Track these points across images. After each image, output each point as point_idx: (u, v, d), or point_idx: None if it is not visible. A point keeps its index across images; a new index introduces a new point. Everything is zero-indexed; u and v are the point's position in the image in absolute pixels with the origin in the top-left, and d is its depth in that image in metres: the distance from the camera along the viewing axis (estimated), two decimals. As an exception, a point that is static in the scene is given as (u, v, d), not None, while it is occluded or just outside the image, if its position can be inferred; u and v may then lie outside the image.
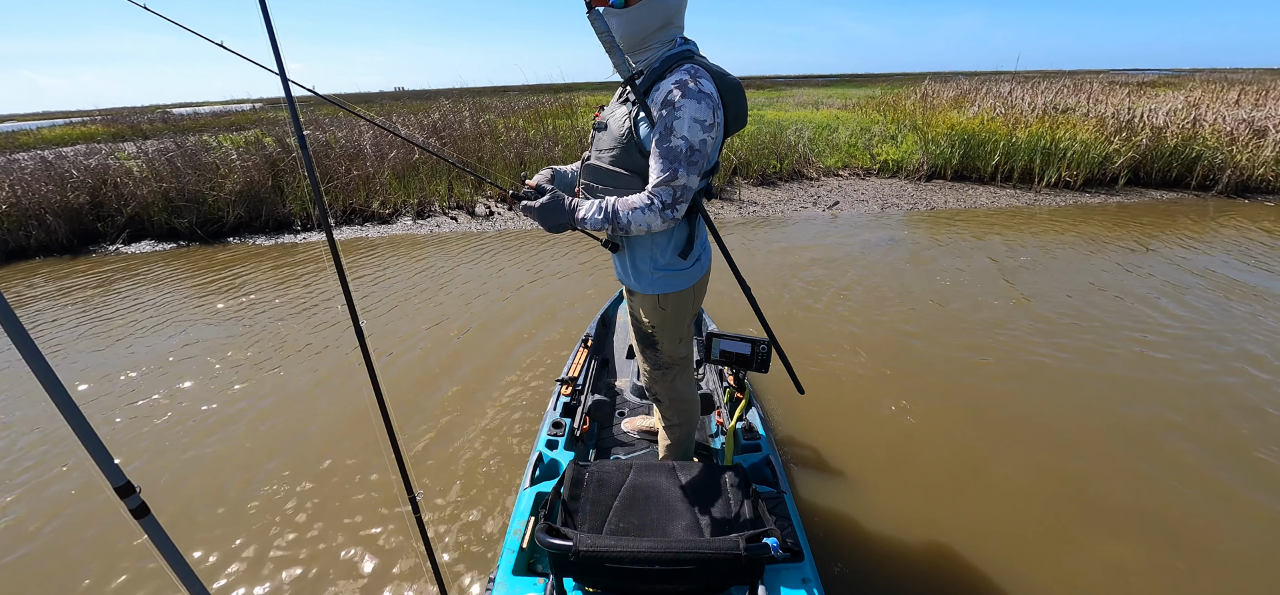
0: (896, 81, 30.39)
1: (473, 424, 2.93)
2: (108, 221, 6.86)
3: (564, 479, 1.49)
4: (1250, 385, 3.14)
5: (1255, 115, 8.58)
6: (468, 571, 2.08)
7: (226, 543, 2.26)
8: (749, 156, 8.44)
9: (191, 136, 10.14)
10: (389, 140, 7.89)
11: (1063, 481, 2.47)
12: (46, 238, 6.56)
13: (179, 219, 6.78)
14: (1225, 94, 11.59)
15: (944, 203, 7.57)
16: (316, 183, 1.08)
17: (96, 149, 8.18)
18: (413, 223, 7.14)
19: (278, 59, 1.04)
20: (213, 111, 26.78)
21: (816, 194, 8.03)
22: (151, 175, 6.89)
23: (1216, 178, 7.73)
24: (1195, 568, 2.05)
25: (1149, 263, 5.15)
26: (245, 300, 4.79)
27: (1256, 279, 4.72)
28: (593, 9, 1.32)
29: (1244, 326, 3.82)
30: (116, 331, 4.27)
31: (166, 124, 19.79)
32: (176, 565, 1.01)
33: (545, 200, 1.40)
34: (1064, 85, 13.74)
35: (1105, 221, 6.64)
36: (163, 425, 3.05)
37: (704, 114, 1.29)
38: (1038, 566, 2.06)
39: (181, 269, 5.77)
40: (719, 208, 7.50)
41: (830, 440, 2.73)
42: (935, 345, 3.66)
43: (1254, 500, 2.35)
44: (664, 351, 1.70)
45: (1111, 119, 8.37)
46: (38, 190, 6.54)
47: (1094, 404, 3.01)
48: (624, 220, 1.35)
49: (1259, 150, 7.64)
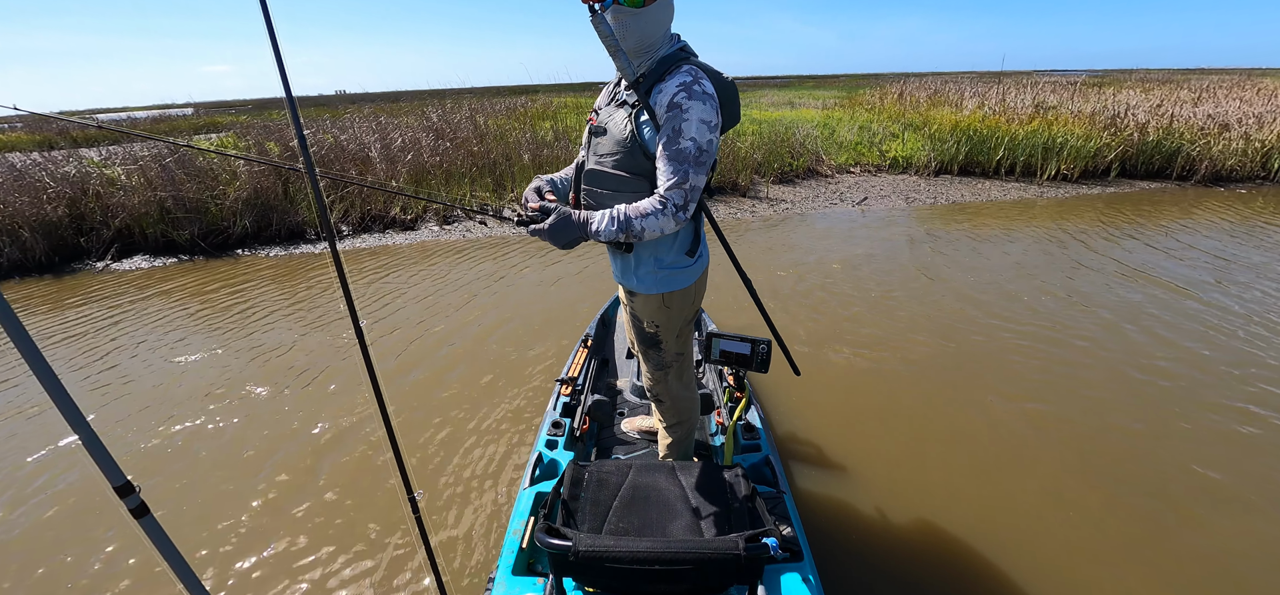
0: (856, 83, 31.59)
1: (473, 424, 2.90)
2: (92, 235, 6.14)
3: (564, 479, 1.48)
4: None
5: (1218, 111, 9.39)
6: (467, 571, 2.07)
7: (226, 543, 2.23)
8: (768, 155, 8.50)
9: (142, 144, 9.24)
10: (400, 143, 7.46)
11: (1068, 483, 2.44)
12: (21, 256, 5.79)
13: (179, 231, 6.14)
14: (1176, 93, 12.65)
15: (960, 197, 7.88)
16: (316, 183, 1.04)
17: (51, 157, 7.29)
18: (439, 229, 6.77)
19: (279, 60, 0.96)
20: (150, 117, 24.68)
21: (839, 190, 8.18)
22: (143, 183, 6.21)
23: (1194, 168, 8.41)
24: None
25: (1191, 256, 5.52)
26: (253, 314, 4.47)
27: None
28: (594, 10, 1.29)
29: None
30: (119, 355, 3.84)
31: (102, 130, 18.05)
32: (176, 565, 1.01)
33: (553, 220, 1.35)
34: (1010, 84, 14.65)
35: (1112, 210, 7.08)
36: (163, 426, 2.99)
37: (709, 115, 1.31)
38: (1040, 566, 2.05)
39: (186, 285, 5.22)
40: (751, 206, 7.51)
41: (830, 440, 2.72)
42: (959, 340, 3.69)
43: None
44: (667, 350, 1.70)
45: (1099, 115, 8.94)
46: (10, 202, 5.77)
47: (1123, 417, 2.89)
48: (638, 227, 1.34)
49: (1229, 143, 8.35)
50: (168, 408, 3.17)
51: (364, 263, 5.70)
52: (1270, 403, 2.94)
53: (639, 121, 1.38)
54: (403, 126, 9.01)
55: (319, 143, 7.37)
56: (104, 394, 3.37)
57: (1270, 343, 3.55)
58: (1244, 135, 8.40)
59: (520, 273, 5.20)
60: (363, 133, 7.92)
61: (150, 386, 3.42)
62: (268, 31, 0.94)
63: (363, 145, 7.47)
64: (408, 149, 7.30)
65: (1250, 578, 1.99)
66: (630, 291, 1.65)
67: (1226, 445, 2.64)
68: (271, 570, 2.11)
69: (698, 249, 1.57)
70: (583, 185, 1.53)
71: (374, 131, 8.29)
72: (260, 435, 2.89)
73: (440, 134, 8.81)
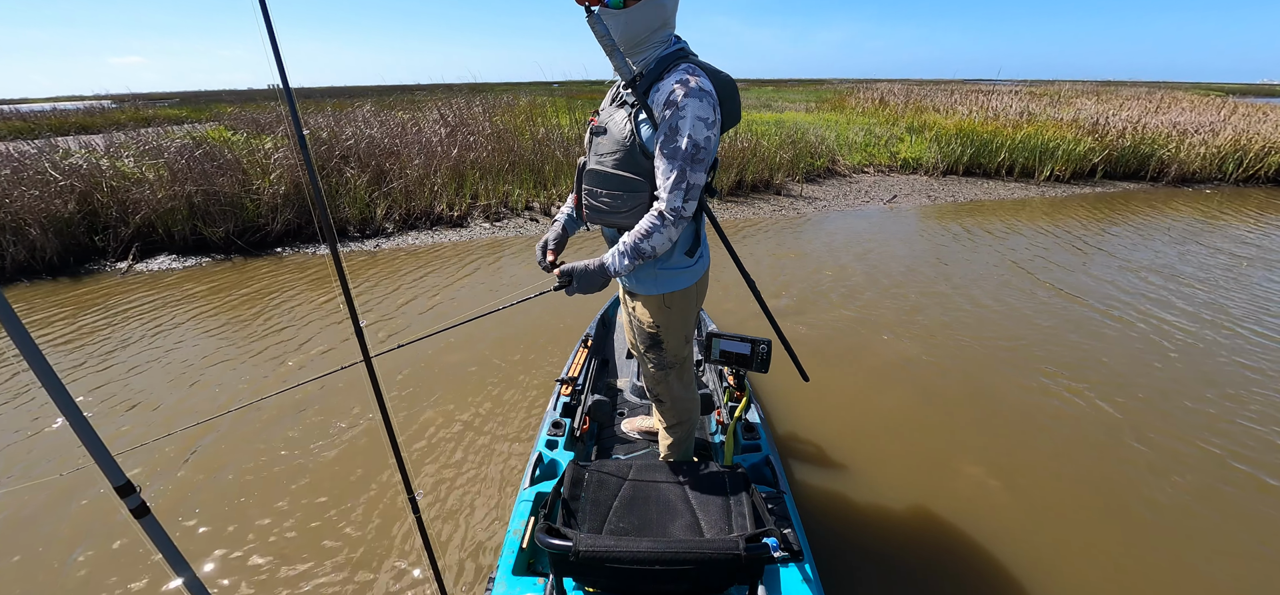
0: (811, 87, 32.81)
1: (473, 424, 2.89)
2: (107, 234, 5.53)
3: (564, 479, 1.49)
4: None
5: (1178, 120, 10.50)
6: (468, 571, 2.07)
7: (226, 543, 2.21)
8: (794, 156, 8.76)
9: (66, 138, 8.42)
10: (440, 137, 7.16)
11: (1069, 485, 2.47)
12: (29, 256, 5.15)
13: (212, 228, 5.64)
14: (1129, 105, 14.00)
15: (974, 195, 8.42)
16: (318, 186, 1.06)
17: (52, 143, 6.48)
18: (490, 226, 6.56)
19: (277, 56, 0.98)
20: (59, 109, 22.33)
21: (864, 189, 8.55)
22: (167, 177, 5.66)
23: (1165, 171, 9.36)
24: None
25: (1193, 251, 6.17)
26: (281, 313, 4.28)
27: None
28: (591, 11, 1.32)
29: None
30: (138, 355, 3.56)
31: (25, 120, 16.22)
32: (176, 565, 1.01)
33: (580, 277, 1.41)
34: (959, 91, 15.77)
35: (1112, 208, 7.79)
36: (164, 428, 2.94)
37: (706, 112, 1.31)
38: (1041, 566, 2.06)
39: (220, 285, 4.83)
40: (792, 204, 7.72)
41: (830, 439, 2.72)
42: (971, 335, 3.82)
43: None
44: (669, 351, 1.69)
45: (1082, 123, 9.78)
46: (19, 195, 5.12)
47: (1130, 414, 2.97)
48: (646, 248, 1.37)
49: (1192, 148, 9.36)
50: (178, 408, 3.08)
51: (400, 263, 5.46)
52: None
53: (638, 121, 1.38)
54: (420, 123, 8.65)
55: (358, 137, 6.96)
56: (111, 394, 3.21)
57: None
58: (1203, 142, 9.44)
59: (519, 273, 5.10)
60: (372, 128, 7.54)
61: (163, 384, 3.33)
62: (265, 28, 0.93)
63: (406, 141, 7.11)
64: (452, 144, 7.01)
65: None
66: (631, 292, 1.66)
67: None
68: (271, 570, 2.08)
69: (698, 249, 1.57)
70: (585, 186, 1.52)
71: (381, 127, 7.90)
72: (262, 434, 2.81)
73: (455, 130, 8.51)
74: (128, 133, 8.41)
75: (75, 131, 13.10)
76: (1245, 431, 2.83)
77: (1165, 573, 2.05)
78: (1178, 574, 2.05)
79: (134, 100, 30.11)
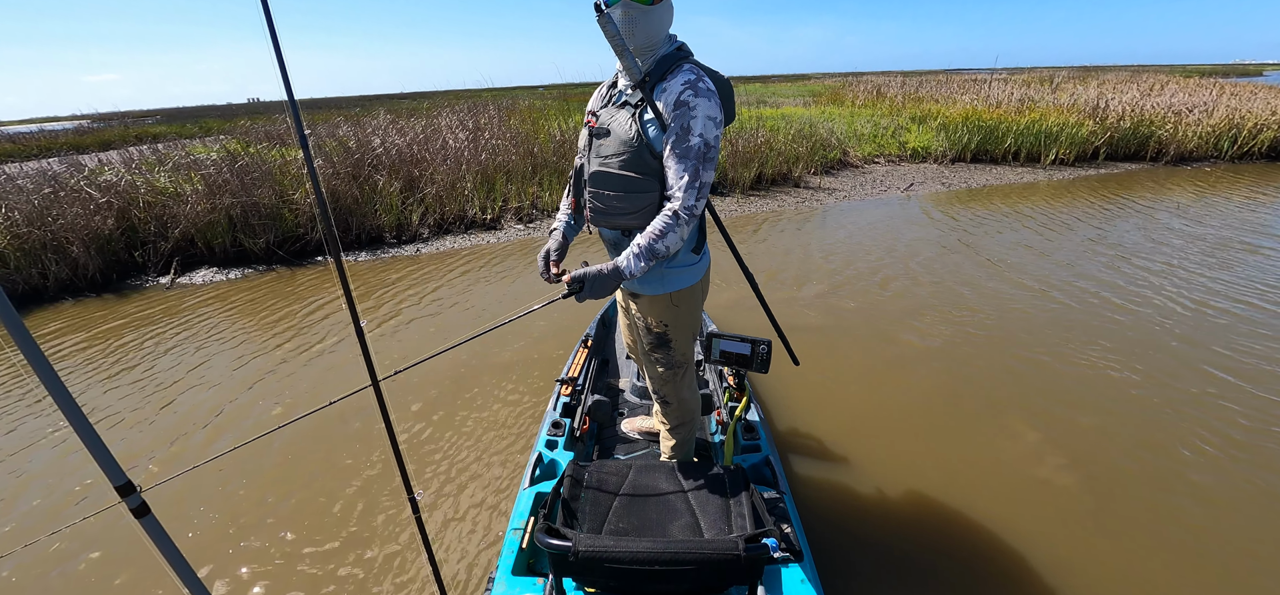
0: (797, 82, 33.10)
1: (473, 425, 2.90)
2: (147, 249, 5.53)
3: (564, 479, 1.49)
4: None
5: (1173, 102, 10.83)
6: (467, 572, 2.06)
7: (225, 543, 2.23)
8: (810, 149, 8.93)
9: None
10: (461, 142, 7.22)
11: (1072, 486, 2.39)
12: (71, 274, 5.13)
13: (253, 240, 5.66)
14: (1127, 85, 14.38)
15: (986, 181, 8.64)
16: (319, 187, 1.05)
17: (79, 162, 6.45)
18: (523, 227, 6.63)
19: (280, 62, 0.96)
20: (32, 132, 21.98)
21: (878, 178, 8.73)
22: (207, 190, 5.66)
23: (1164, 151, 9.67)
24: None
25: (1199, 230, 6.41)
26: (306, 321, 4.33)
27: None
28: (602, 11, 1.32)
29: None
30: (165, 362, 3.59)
31: (14, 143, 15.97)
32: (177, 565, 1.01)
33: (592, 282, 1.37)
34: (934, 81, 16.08)
35: (1121, 187, 8.04)
36: (165, 428, 3.01)
37: (714, 111, 1.34)
38: (1041, 566, 2.02)
39: (263, 296, 4.86)
40: (813, 195, 7.87)
41: (830, 439, 2.70)
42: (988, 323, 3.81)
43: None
44: (677, 349, 1.68)
45: (1082, 107, 10.07)
46: (63, 212, 5.10)
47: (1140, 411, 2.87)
48: (661, 248, 1.36)
49: (1188, 129, 9.69)
50: (172, 412, 3.14)
51: (426, 266, 5.52)
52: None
53: (644, 121, 1.38)
54: (439, 129, 8.69)
55: (388, 146, 7.00)
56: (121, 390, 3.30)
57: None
58: (1198, 122, 9.76)
59: (536, 283, 5.09)
60: (394, 136, 7.57)
61: (170, 383, 3.43)
62: (269, 34, 0.92)
63: (439, 147, 7.15)
64: (478, 150, 7.07)
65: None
66: (634, 294, 1.64)
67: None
68: (271, 570, 2.09)
69: (702, 246, 1.58)
70: (588, 188, 1.50)
71: (400, 134, 7.93)
72: (263, 436, 2.85)
73: (475, 135, 8.56)
74: (151, 149, 8.34)
75: (64, 151, 12.97)
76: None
77: (1166, 575, 1.99)
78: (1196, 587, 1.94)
79: (120, 118, 29.62)
